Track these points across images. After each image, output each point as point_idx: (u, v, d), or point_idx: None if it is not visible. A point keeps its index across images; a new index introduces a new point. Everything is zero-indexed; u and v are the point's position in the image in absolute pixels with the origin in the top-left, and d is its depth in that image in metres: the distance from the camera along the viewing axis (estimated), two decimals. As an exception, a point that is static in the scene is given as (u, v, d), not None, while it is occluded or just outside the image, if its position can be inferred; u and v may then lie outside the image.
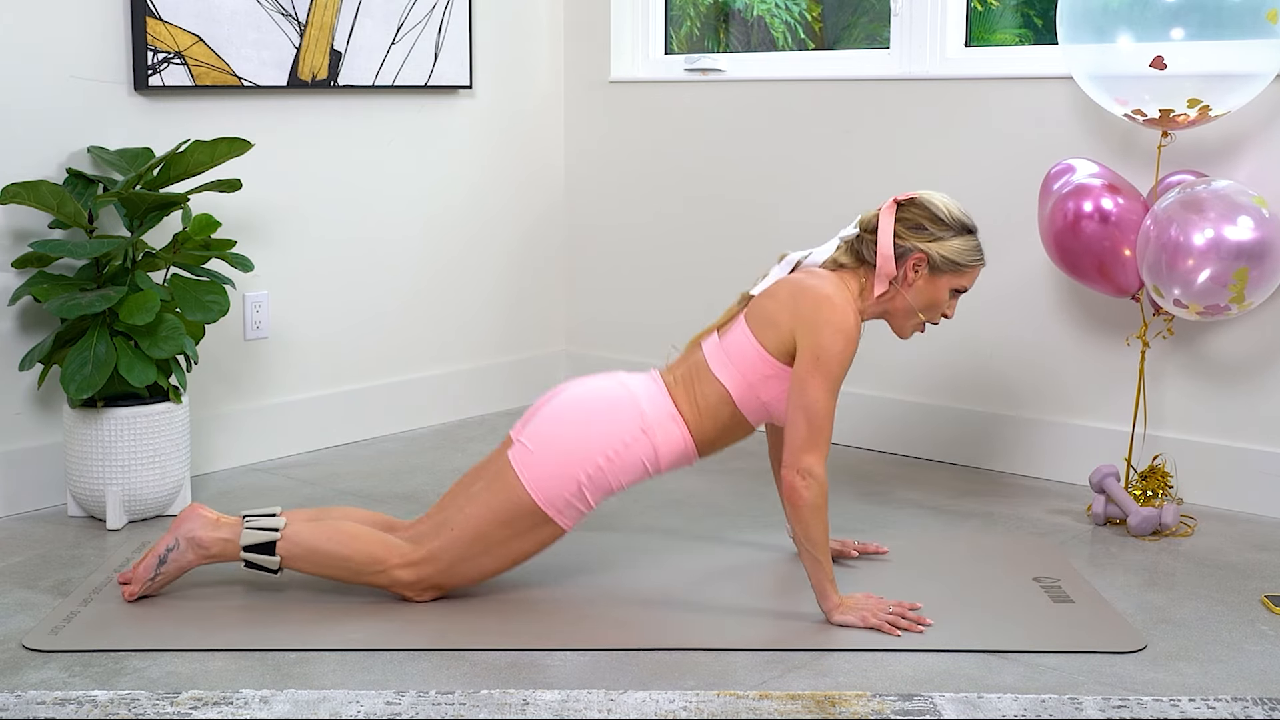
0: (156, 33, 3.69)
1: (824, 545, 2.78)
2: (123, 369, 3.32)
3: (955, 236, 2.87)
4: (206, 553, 2.86)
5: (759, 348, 2.86)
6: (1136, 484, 3.51)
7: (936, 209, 2.88)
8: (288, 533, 2.85)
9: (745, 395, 2.88)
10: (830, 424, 2.77)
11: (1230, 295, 3.19)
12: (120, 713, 2.39)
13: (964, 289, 2.93)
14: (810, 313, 2.80)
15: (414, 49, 4.29)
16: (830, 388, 2.77)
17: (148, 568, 2.88)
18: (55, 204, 3.34)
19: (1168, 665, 2.64)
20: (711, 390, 2.89)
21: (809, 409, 2.76)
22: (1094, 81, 3.34)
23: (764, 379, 2.87)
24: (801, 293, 2.84)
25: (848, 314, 2.80)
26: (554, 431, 2.84)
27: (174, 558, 2.87)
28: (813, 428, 2.76)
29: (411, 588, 2.85)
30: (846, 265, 2.93)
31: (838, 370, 2.78)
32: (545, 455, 2.82)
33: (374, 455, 4.15)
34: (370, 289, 4.31)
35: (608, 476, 2.84)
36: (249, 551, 2.85)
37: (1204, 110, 3.23)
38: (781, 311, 2.84)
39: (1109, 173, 3.47)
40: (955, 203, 2.92)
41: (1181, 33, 3.14)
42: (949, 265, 2.87)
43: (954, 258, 2.87)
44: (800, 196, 4.31)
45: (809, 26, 4.59)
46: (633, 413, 2.86)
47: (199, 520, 2.88)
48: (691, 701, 2.44)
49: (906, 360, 4.13)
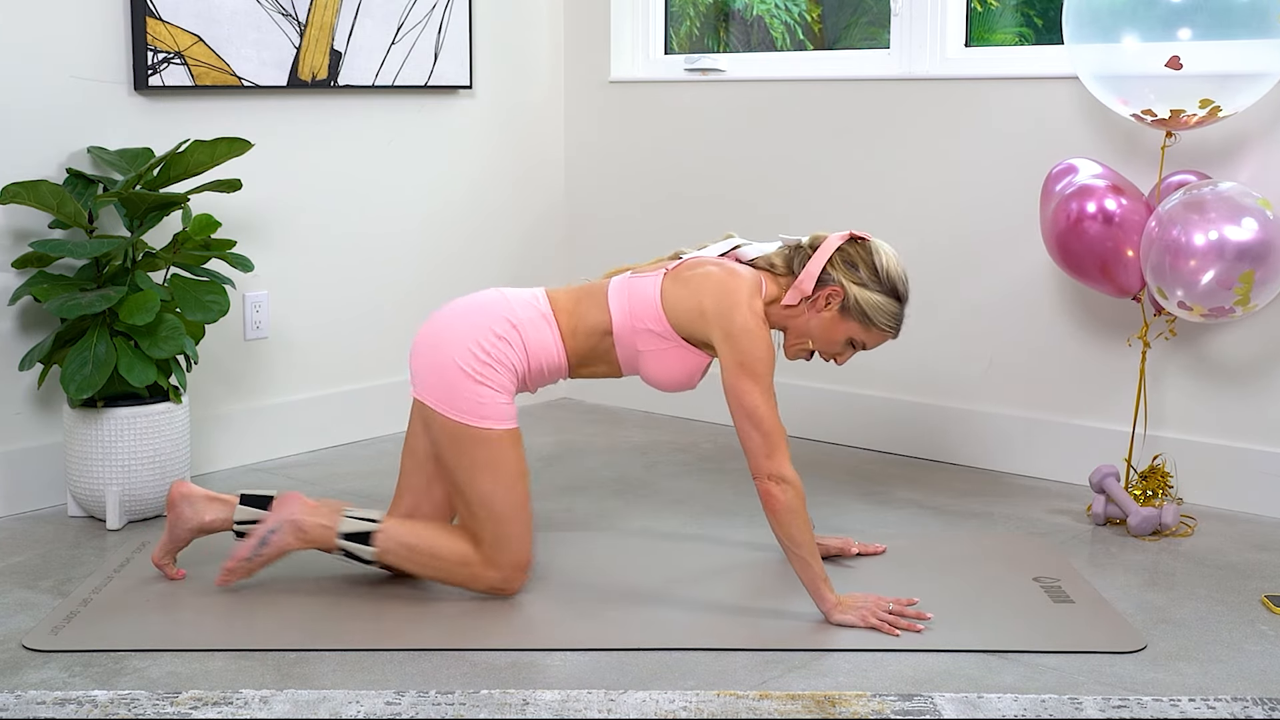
0: (156, 33, 3.69)
1: (809, 545, 2.78)
2: (123, 369, 3.32)
3: (880, 293, 2.87)
4: (305, 537, 2.90)
5: (659, 307, 2.89)
6: (1136, 484, 3.51)
7: (878, 259, 2.89)
8: (385, 526, 2.90)
9: (624, 334, 2.91)
10: (779, 424, 2.79)
11: (1235, 298, 3.18)
12: (120, 713, 2.39)
13: (863, 345, 2.92)
14: (727, 320, 2.82)
15: (414, 49, 4.29)
16: (764, 389, 2.79)
17: (248, 549, 2.89)
18: (55, 204, 3.34)
19: (1168, 665, 2.64)
20: (596, 314, 2.93)
21: (753, 416, 2.78)
22: (1101, 81, 3.33)
23: (648, 332, 2.90)
24: (716, 290, 2.85)
25: (759, 319, 2.82)
26: (431, 355, 2.88)
27: (274, 540, 2.89)
28: (765, 433, 2.78)
29: (502, 583, 2.89)
30: (776, 267, 2.94)
31: (764, 371, 2.80)
32: (436, 382, 2.85)
33: (374, 455, 4.15)
34: (370, 289, 4.31)
35: (490, 365, 2.85)
36: (346, 540, 2.89)
37: (1214, 110, 3.22)
38: (700, 307, 2.86)
39: (1112, 173, 3.47)
40: (901, 266, 2.92)
41: (1189, 33, 3.14)
42: (859, 314, 2.87)
43: (867, 310, 2.87)
44: (800, 196, 4.31)
45: (809, 28, 4.59)
46: (501, 309, 2.90)
47: (299, 504, 2.92)
48: (691, 701, 2.44)
49: (906, 360, 4.13)
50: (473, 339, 2.86)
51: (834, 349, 2.94)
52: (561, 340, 2.93)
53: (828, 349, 2.94)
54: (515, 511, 2.88)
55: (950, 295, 4.04)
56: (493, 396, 2.85)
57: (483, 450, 2.85)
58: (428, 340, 2.91)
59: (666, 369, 2.94)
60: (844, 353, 2.95)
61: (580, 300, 2.96)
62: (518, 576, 2.91)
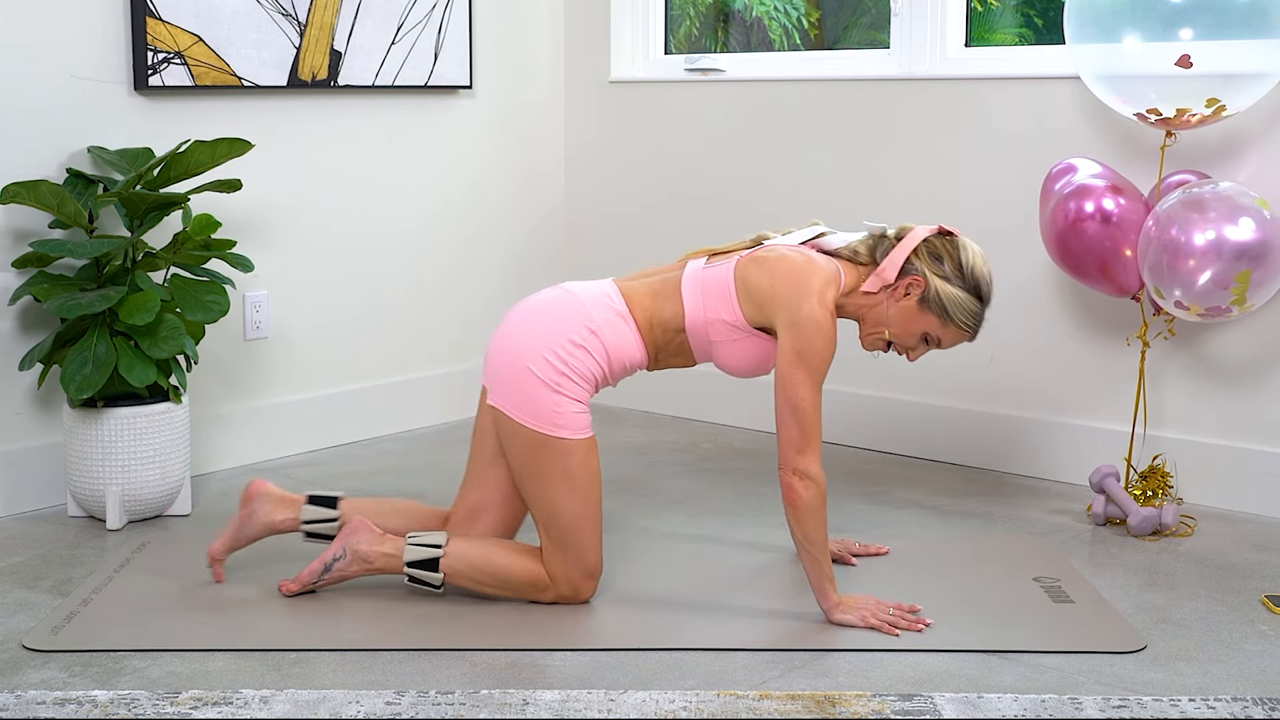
0: (156, 33, 3.69)
1: (823, 545, 2.78)
2: (123, 369, 3.32)
3: (962, 289, 2.84)
4: (369, 566, 2.88)
5: (734, 297, 2.86)
6: (1136, 484, 3.51)
7: (964, 255, 2.85)
8: (450, 549, 2.86)
9: (697, 326, 2.89)
10: (819, 421, 2.77)
11: (1232, 297, 3.18)
12: (120, 713, 2.39)
13: (939, 342, 2.88)
14: (794, 307, 2.78)
15: (414, 49, 4.29)
16: (814, 383, 2.76)
17: (311, 573, 2.90)
18: (55, 204, 3.34)
19: (1168, 665, 2.64)
20: (670, 308, 2.90)
21: (796, 407, 2.76)
22: (1103, 81, 3.33)
23: (721, 322, 2.87)
24: (793, 279, 2.81)
25: (827, 312, 2.78)
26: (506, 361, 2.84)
27: (338, 568, 2.89)
28: (803, 427, 2.75)
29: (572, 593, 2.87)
30: (859, 255, 2.90)
31: (820, 366, 2.76)
32: (513, 391, 2.82)
33: (374, 455, 4.15)
34: (370, 288, 4.31)
35: (568, 376, 2.82)
36: (413, 568, 2.86)
37: (1219, 110, 3.22)
38: (771, 290, 2.83)
39: (1111, 173, 3.47)
40: (987, 266, 2.88)
41: (1190, 32, 3.14)
42: (938, 308, 2.83)
43: (947, 304, 2.83)
44: (800, 197, 4.31)
45: (805, 33, 4.59)
46: (578, 315, 2.86)
47: (365, 534, 2.89)
48: (691, 701, 2.44)
49: (906, 360, 4.13)
50: (549, 347, 2.82)
51: (909, 341, 2.88)
52: (640, 337, 2.90)
53: (904, 341, 2.88)
54: (585, 520, 2.84)
55: (950, 295, 4.04)
56: (569, 406, 2.81)
57: (558, 460, 2.82)
58: (502, 346, 2.87)
59: (740, 358, 2.89)
60: (918, 348, 2.90)
61: (656, 294, 2.92)
62: (587, 585, 2.88)
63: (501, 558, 2.87)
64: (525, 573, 2.86)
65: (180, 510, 3.53)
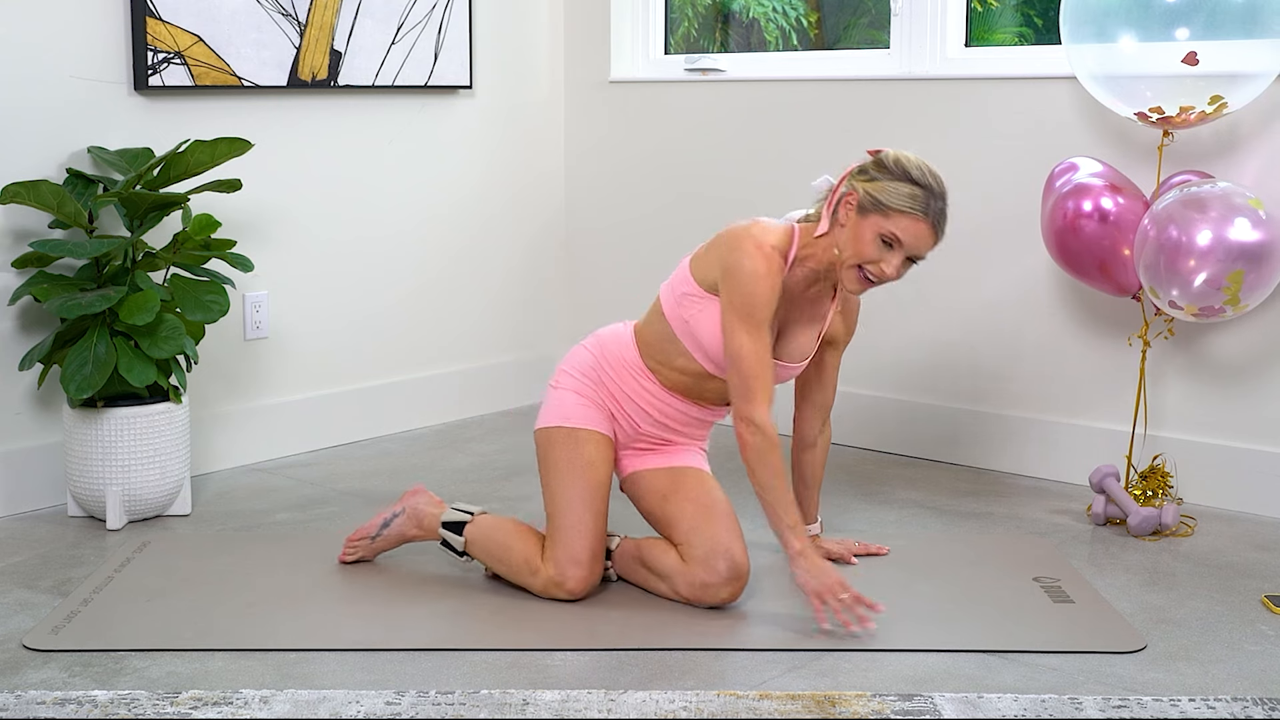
0: (156, 33, 3.69)
1: (776, 492, 2.77)
2: (123, 369, 3.32)
3: (891, 179, 2.77)
4: (421, 525, 3.06)
5: (688, 270, 2.94)
6: (1136, 484, 3.51)
7: (887, 157, 2.82)
8: (479, 520, 3.00)
9: (672, 311, 2.94)
10: (762, 369, 2.78)
11: (1225, 297, 3.19)
12: (120, 713, 2.39)
13: (894, 237, 2.76)
14: (730, 258, 2.82)
15: (414, 49, 4.29)
16: (749, 330, 2.78)
17: (371, 527, 3.09)
18: (55, 204, 3.34)
19: (1168, 665, 2.64)
20: (654, 312, 3.00)
21: (735, 355, 2.79)
22: (1099, 81, 3.34)
23: (685, 296, 2.92)
24: (729, 236, 2.88)
25: (764, 261, 2.79)
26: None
27: (396, 524, 3.07)
28: (743, 375, 2.78)
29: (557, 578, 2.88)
30: (811, 215, 2.93)
31: (754, 313, 2.78)
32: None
33: (374, 455, 4.15)
34: (370, 289, 4.31)
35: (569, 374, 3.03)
36: (445, 529, 3.01)
37: (1221, 107, 3.23)
38: (711, 251, 2.91)
39: (1111, 172, 3.47)
40: (918, 158, 2.81)
41: (1187, 32, 3.15)
42: (873, 204, 2.76)
43: (879, 196, 2.76)
44: (801, 196, 4.30)
45: (804, 33, 4.59)
46: (602, 414, 2.98)
47: (424, 497, 3.10)
48: (691, 701, 2.44)
49: (906, 360, 4.13)
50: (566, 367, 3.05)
51: (870, 252, 2.77)
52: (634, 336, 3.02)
53: (865, 254, 2.78)
54: (569, 505, 2.89)
55: (951, 295, 4.04)
56: (559, 396, 2.98)
57: (553, 447, 2.95)
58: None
59: (714, 326, 2.88)
60: (884, 257, 2.78)
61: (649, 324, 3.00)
62: (571, 571, 2.87)
63: (510, 535, 2.95)
64: (524, 552, 2.92)
65: (180, 510, 3.53)
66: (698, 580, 2.84)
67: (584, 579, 2.88)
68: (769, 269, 2.79)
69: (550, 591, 2.89)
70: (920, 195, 2.76)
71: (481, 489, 3.78)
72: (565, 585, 2.88)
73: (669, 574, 2.89)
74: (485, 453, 4.17)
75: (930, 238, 2.78)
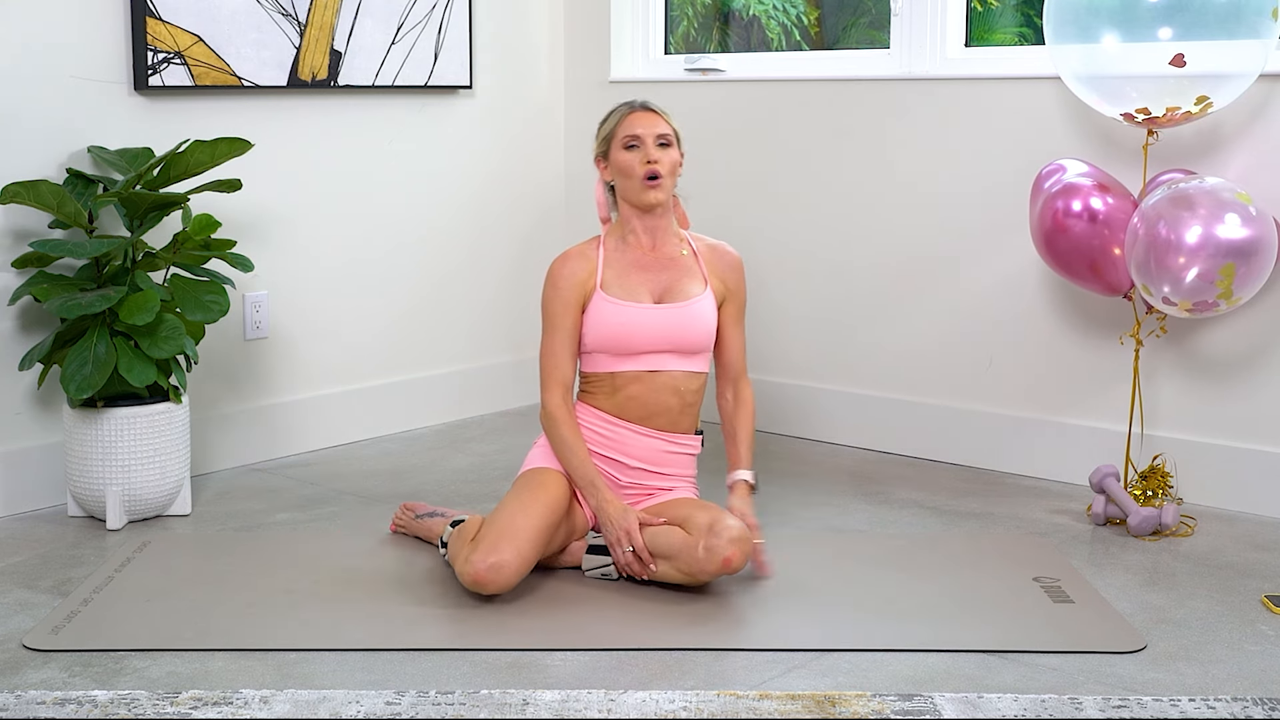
0: (156, 33, 3.69)
1: (572, 463, 3.07)
2: (123, 369, 3.32)
3: (600, 125, 3.22)
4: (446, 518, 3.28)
5: None
6: (1136, 484, 3.51)
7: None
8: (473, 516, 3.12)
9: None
10: (553, 364, 3.12)
11: (1218, 291, 3.19)
12: (120, 713, 2.39)
13: (629, 137, 3.14)
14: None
15: (414, 49, 4.29)
16: (546, 331, 3.14)
17: (424, 506, 3.35)
18: (55, 204, 3.34)
19: (1168, 665, 2.64)
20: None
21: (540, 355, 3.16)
22: (1084, 81, 3.35)
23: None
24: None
25: (552, 269, 3.15)
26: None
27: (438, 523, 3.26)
28: (540, 370, 3.14)
29: (472, 574, 2.87)
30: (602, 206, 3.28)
31: (547, 316, 3.14)
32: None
33: (374, 455, 4.15)
34: (370, 289, 4.31)
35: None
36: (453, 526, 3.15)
37: (1206, 107, 3.23)
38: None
39: (1099, 172, 3.47)
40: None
41: (1170, 32, 3.16)
42: (603, 142, 3.19)
43: (600, 135, 3.20)
44: (800, 196, 4.31)
45: (805, 31, 4.59)
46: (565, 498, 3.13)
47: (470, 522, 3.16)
48: (691, 701, 2.44)
49: (906, 360, 4.13)
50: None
51: (631, 164, 3.13)
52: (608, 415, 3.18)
53: (631, 170, 3.13)
54: (504, 507, 3.00)
55: (951, 295, 4.04)
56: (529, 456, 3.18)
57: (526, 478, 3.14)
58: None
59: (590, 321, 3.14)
60: (639, 153, 3.13)
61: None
62: (485, 575, 2.84)
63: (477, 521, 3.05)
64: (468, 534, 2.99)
65: (180, 510, 3.53)
66: (703, 543, 2.90)
67: (498, 583, 2.86)
68: (558, 269, 3.15)
69: (464, 580, 2.88)
70: (618, 106, 3.22)
71: (481, 489, 3.78)
72: (480, 579, 2.85)
73: (675, 552, 2.93)
74: (485, 453, 4.17)
75: (649, 114, 3.18)
